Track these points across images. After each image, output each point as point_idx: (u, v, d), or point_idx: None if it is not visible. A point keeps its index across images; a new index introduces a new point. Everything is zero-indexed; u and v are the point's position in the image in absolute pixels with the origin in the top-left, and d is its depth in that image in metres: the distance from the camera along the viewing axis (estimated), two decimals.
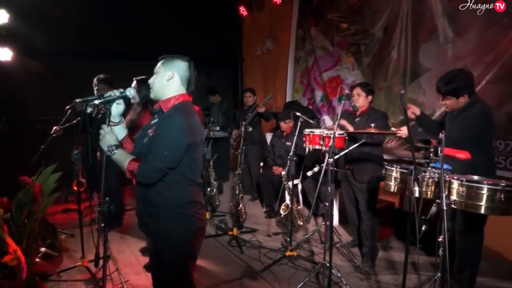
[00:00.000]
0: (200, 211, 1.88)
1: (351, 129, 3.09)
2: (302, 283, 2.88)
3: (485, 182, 2.10)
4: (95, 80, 3.92)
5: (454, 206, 2.17)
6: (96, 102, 1.99)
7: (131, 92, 2.18)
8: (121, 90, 1.91)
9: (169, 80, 1.84)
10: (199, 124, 1.90)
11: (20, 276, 2.34)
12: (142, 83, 3.03)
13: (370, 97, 3.25)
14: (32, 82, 4.75)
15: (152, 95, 1.90)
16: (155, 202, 1.79)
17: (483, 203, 2.08)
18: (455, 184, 2.17)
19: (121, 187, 4.42)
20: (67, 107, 3.27)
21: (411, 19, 4.00)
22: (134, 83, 3.06)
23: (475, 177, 2.26)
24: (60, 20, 4.90)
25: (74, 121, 3.31)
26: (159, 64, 1.89)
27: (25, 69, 4.57)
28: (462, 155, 2.47)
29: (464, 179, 2.15)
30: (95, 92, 3.84)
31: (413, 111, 2.79)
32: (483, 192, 2.08)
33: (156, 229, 1.82)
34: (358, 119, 3.26)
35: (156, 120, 1.88)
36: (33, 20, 4.43)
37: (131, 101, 2.95)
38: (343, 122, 3.17)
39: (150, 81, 1.89)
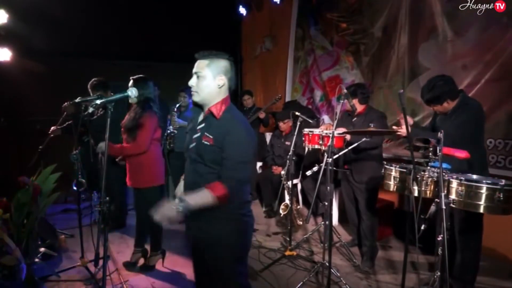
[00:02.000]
0: (250, 209, 1.91)
1: (348, 137, 3.05)
2: (302, 282, 2.88)
3: (484, 181, 2.11)
4: (88, 86, 3.86)
5: (453, 205, 2.17)
6: (98, 102, 2.00)
7: (132, 92, 2.19)
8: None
9: (221, 88, 1.79)
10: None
11: (20, 276, 2.34)
12: (139, 82, 2.99)
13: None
14: (32, 82, 4.75)
15: (197, 99, 1.80)
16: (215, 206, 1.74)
17: (482, 202, 2.09)
18: (454, 183, 2.18)
19: (123, 188, 4.42)
20: (63, 106, 3.27)
21: (410, 18, 4.00)
22: (131, 82, 3.01)
23: (474, 176, 2.26)
24: (59, 20, 4.89)
25: (70, 122, 3.30)
26: (201, 65, 1.79)
27: (25, 69, 4.56)
28: (462, 154, 2.48)
29: (463, 178, 2.15)
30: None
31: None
32: (482, 191, 2.08)
33: (212, 232, 1.80)
34: (355, 119, 3.25)
35: (205, 125, 1.81)
36: (32, 21, 4.43)
37: (129, 100, 2.95)
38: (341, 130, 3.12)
39: (192, 83, 1.79)
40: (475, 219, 2.54)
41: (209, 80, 1.77)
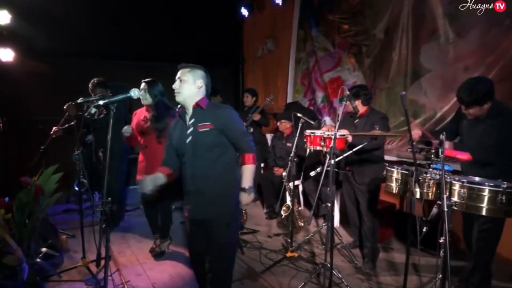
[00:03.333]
0: None
1: (350, 138, 3.04)
2: (303, 284, 2.88)
3: (486, 183, 2.10)
4: (90, 85, 3.92)
5: (456, 208, 2.16)
6: (100, 102, 2.02)
7: (135, 92, 2.22)
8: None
9: (200, 88, 2.18)
10: None
11: (21, 276, 2.34)
12: (152, 84, 3.20)
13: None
14: (34, 82, 4.76)
15: (180, 99, 2.16)
16: (217, 188, 2.17)
17: (484, 204, 2.08)
18: (457, 186, 2.17)
19: (124, 187, 4.45)
20: (64, 107, 3.28)
21: (412, 20, 4.00)
22: (143, 84, 3.17)
23: (477, 179, 2.26)
24: (61, 20, 4.91)
25: (72, 122, 3.31)
26: (184, 72, 2.18)
27: (27, 69, 4.58)
28: (463, 156, 2.47)
29: (466, 180, 2.15)
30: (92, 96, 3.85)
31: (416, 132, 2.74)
32: (484, 193, 2.08)
33: (217, 212, 2.17)
34: (357, 120, 3.25)
35: (195, 118, 2.17)
36: (34, 21, 4.44)
37: (142, 102, 3.21)
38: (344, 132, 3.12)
39: (176, 86, 2.16)
40: (499, 220, 2.48)
41: (190, 84, 2.16)
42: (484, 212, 2.10)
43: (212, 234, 2.21)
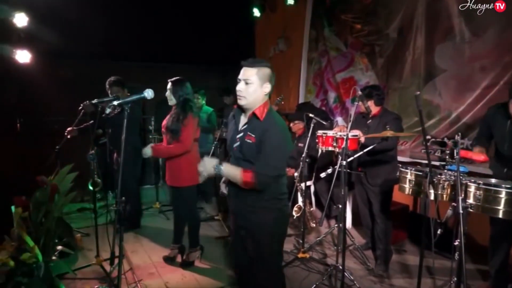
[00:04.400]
0: (287, 201, 2.17)
1: (362, 139, 3.01)
2: (315, 285, 2.87)
3: (503, 185, 2.06)
4: (107, 83, 4.00)
5: (471, 210, 2.12)
6: (115, 103, 2.05)
7: (149, 93, 2.23)
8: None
9: (266, 95, 1.99)
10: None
11: (38, 273, 2.39)
12: (177, 84, 3.13)
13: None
14: (50, 83, 4.84)
15: (243, 103, 1.97)
16: (256, 196, 1.98)
17: (501, 207, 2.04)
18: (472, 187, 2.14)
19: (138, 189, 4.49)
20: (79, 107, 3.34)
21: (426, 19, 3.94)
22: (169, 84, 3.13)
23: (493, 180, 2.21)
24: (77, 23, 4.99)
25: (89, 123, 3.36)
26: (249, 72, 1.94)
27: (43, 71, 4.67)
28: (480, 157, 2.43)
29: (481, 182, 2.11)
30: (109, 95, 3.91)
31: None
32: (501, 196, 2.04)
33: (255, 221, 2.02)
34: (370, 121, 3.22)
35: (248, 125, 2.01)
36: (51, 23, 4.52)
37: (169, 103, 3.16)
38: (357, 132, 3.08)
39: (240, 89, 1.95)
40: None
41: (257, 87, 1.94)
42: (501, 215, 2.06)
43: (251, 241, 2.07)
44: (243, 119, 2.06)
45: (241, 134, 2.02)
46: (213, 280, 3.09)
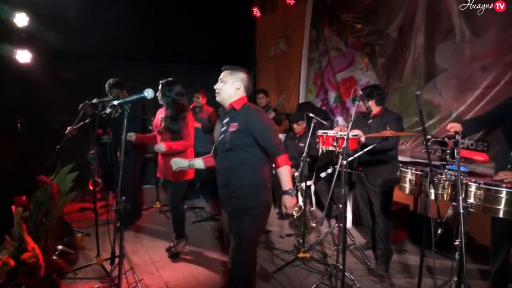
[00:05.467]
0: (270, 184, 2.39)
1: (363, 139, 3.01)
2: (315, 285, 2.87)
3: (503, 185, 2.05)
4: (106, 86, 4.02)
5: (472, 210, 2.12)
6: (115, 103, 2.05)
7: (149, 93, 2.24)
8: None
9: (237, 90, 2.30)
10: None
11: (38, 273, 2.39)
12: (165, 86, 3.26)
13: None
14: (50, 83, 4.85)
15: (219, 99, 2.32)
16: (241, 184, 2.24)
17: (501, 206, 2.04)
18: (473, 187, 2.13)
19: (138, 187, 4.51)
20: (79, 107, 3.34)
21: (427, 19, 3.93)
22: (160, 85, 3.25)
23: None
24: (77, 22, 5.00)
25: (87, 121, 3.36)
26: (224, 73, 2.32)
27: (44, 71, 4.67)
28: (480, 157, 2.43)
29: (482, 182, 2.10)
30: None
31: (455, 129, 2.58)
32: (501, 195, 2.03)
33: (243, 205, 2.23)
34: (371, 121, 3.22)
35: (229, 119, 2.30)
36: (51, 23, 4.52)
37: (160, 102, 3.31)
38: (357, 132, 3.09)
39: (217, 87, 2.32)
40: None
41: (229, 85, 2.29)
42: (501, 215, 2.05)
43: (233, 224, 2.33)
44: (225, 118, 2.35)
45: (224, 128, 2.31)
46: (213, 280, 3.09)
